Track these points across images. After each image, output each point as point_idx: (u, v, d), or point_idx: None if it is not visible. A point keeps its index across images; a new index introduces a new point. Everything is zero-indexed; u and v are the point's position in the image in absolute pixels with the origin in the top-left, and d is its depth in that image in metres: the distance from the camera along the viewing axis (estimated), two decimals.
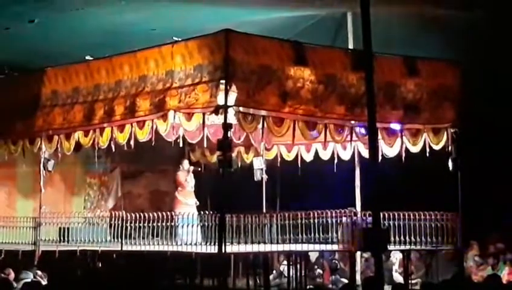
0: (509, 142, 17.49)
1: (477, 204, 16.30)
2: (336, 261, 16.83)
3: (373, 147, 12.14)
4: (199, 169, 18.07)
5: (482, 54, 16.56)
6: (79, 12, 16.12)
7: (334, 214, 15.65)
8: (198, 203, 17.61)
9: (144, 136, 15.05)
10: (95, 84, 15.91)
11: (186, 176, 17.63)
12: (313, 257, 17.30)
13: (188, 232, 15.18)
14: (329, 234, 15.64)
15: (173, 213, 15.87)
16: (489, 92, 16.75)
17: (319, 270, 17.31)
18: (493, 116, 17.24)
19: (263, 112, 14.37)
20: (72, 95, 16.29)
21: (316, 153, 17.39)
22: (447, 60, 16.27)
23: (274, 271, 17.09)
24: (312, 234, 15.64)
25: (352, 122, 15.26)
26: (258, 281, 16.08)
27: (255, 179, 17.76)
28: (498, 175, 17.62)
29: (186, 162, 17.95)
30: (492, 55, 16.59)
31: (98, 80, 15.87)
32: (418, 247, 15.96)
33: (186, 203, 17.27)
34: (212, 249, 14.10)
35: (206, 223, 14.72)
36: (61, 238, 16.77)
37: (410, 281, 15.86)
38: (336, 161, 16.92)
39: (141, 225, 15.60)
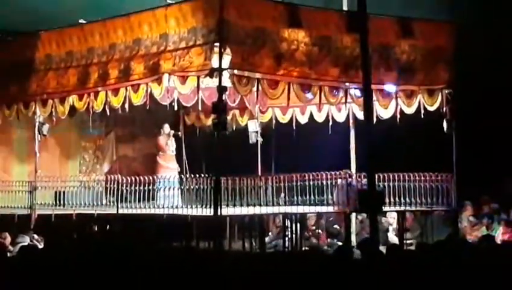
0: (505, 103, 17.52)
1: (472, 165, 16.35)
2: (338, 227, 16.86)
3: (368, 108, 12.23)
4: (179, 133, 18.13)
5: (480, 14, 16.52)
6: None
7: (329, 176, 15.76)
8: (179, 168, 17.77)
9: (138, 99, 15.09)
10: (89, 47, 15.93)
11: (166, 140, 17.80)
12: (312, 218, 17.36)
13: (169, 196, 15.30)
14: (325, 196, 15.77)
15: (155, 177, 15.99)
16: (487, 52, 16.72)
17: (319, 231, 17.37)
18: (490, 77, 17.24)
19: (258, 75, 14.42)
20: (66, 59, 16.32)
21: (311, 115, 17.43)
22: (442, 20, 16.26)
23: (270, 233, 17.18)
24: (307, 196, 15.76)
25: (347, 84, 15.31)
26: (254, 244, 16.15)
27: (250, 141, 17.84)
28: (493, 136, 17.66)
29: (166, 126, 18.05)
30: (490, 16, 16.54)
31: (91, 43, 15.89)
32: (413, 208, 16.07)
33: (168, 167, 17.43)
34: (208, 211, 14.23)
35: (202, 186, 14.83)
36: (57, 202, 16.88)
37: (405, 242, 15.96)
38: (330, 123, 16.97)
39: (137, 188, 15.71)
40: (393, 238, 16.46)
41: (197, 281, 7.02)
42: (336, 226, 16.95)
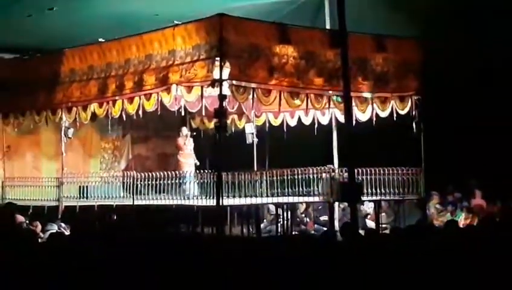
0: (466, 106, 17.54)
1: (437, 160, 16.36)
2: (326, 218, 16.76)
3: (348, 112, 12.23)
4: (194, 134, 17.99)
5: (444, 30, 16.51)
6: (91, 1, 16.09)
7: (315, 171, 15.78)
8: (198, 163, 17.58)
9: (150, 106, 15.07)
10: (107, 62, 15.90)
11: (184, 140, 17.58)
12: (302, 208, 17.36)
13: (190, 187, 15.29)
14: (311, 188, 15.79)
15: (178, 172, 15.94)
16: (450, 63, 16.71)
17: (306, 219, 17.38)
18: (453, 84, 17.25)
19: (253, 84, 14.42)
20: (88, 72, 16.29)
21: (299, 119, 17.41)
22: (411, 37, 16.29)
23: (264, 220, 17.16)
24: (297, 188, 15.76)
25: (330, 92, 15.30)
26: (251, 229, 16.16)
27: (247, 142, 17.82)
28: (456, 135, 17.69)
29: (184, 129, 17.89)
30: (452, 32, 16.54)
31: (109, 59, 15.87)
32: (388, 197, 16.10)
33: (187, 163, 17.28)
34: (211, 202, 14.23)
35: (206, 180, 14.82)
36: (81, 195, 16.85)
37: (380, 227, 15.98)
38: (316, 125, 16.96)
39: (149, 182, 15.70)
40: (370, 223, 16.47)
41: (201, 263, 7.02)
42: (323, 217, 16.90)
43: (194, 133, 18.02)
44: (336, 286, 6.31)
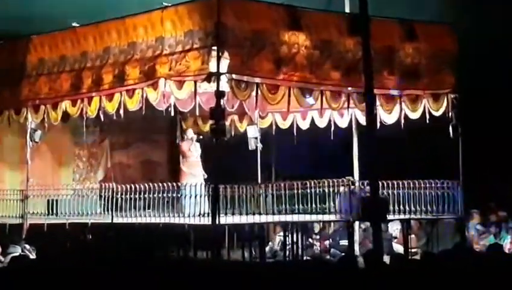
0: (510, 107, 17.54)
1: (479, 172, 16.36)
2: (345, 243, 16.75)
3: (370, 114, 12.25)
4: (201, 137, 17.64)
5: (481, 17, 16.53)
6: None
7: (331, 184, 15.75)
8: (205, 175, 17.16)
9: (133, 105, 15.08)
10: (82, 51, 15.94)
11: (189, 145, 17.39)
12: (316, 228, 17.36)
13: (194, 204, 15.17)
14: (327, 204, 15.77)
15: (172, 184, 15.86)
16: (492, 57, 16.73)
17: (316, 242, 17.35)
18: (496, 81, 17.25)
19: (257, 79, 14.42)
20: (59, 63, 16.31)
21: (312, 120, 17.41)
22: (446, 23, 16.28)
23: (270, 242, 17.18)
24: (309, 204, 15.75)
25: (349, 88, 15.29)
26: (254, 253, 16.15)
27: (250, 148, 17.81)
28: (501, 141, 17.68)
29: (190, 131, 17.77)
30: (494, 22, 16.55)
31: (85, 47, 15.90)
32: (418, 216, 16.08)
33: (191, 174, 17.04)
34: (206, 220, 14.23)
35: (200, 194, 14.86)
36: (50, 211, 16.89)
37: (410, 251, 15.95)
38: (332, 128, 16.96)
39: (132, 196, 15.70)
40: (397, 247, 16.44)
41: None
42: (342, 240, 16.85)
43: (201, 137, 17.59)
44: None
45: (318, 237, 17.40)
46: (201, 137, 17.59)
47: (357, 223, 16.39)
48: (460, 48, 15.95)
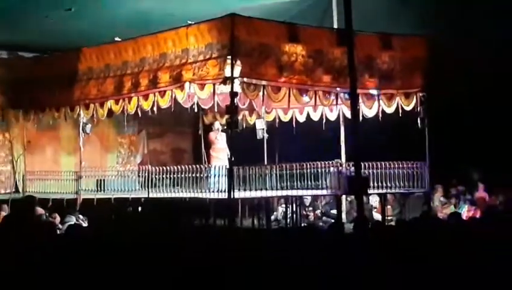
0: (470, 102, 17.48)
1: (442, 154, 16.31)
2: (334, 212, 16.67)
3: (354, 109, 12.20)
4: (225, 127, 17.51)
5: (451, 29, 16.41)
6: (107, 1, 16.10)
7: (323, 165, 15.76)
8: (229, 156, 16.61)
9: (165, 103, 15.06)
10: (123, 61, 15.90)
11: (216, 135, 17.20)
12: (309, 200, 17.34)
13: (218, 182, 15.10)
14: (320, 181, 15.76)
15: (201, 166, 15.80)
16: (455, 60, 16.63)
17: (317, 212, 17.36)
18: (457, 81, 17.16)
19: (263, 82, 14.39)
20: (104, 70, 16.28)
21: (308, 115, 17.39)
22: (417, 35, 16.20)
23: (274, 212, 17.16)
24: (305, 182, 15.75)
25: (338, 89, 15.26)
26: (261, 221, 16.15)
27: (258, 137, 17.78)
28: (460, 130, 17.63)
29: (217, 123, 17.51)
30: (459, 30, 16.43)
31: (125, 57, 15.87)
32: (393, 191, 16.08)
33: (218, 158, 16.85)
34: (223, 195, 14.24)
35: (219, 174, 14.87)
36: (98, 188, 16.89)
37: (386, 218, 15.96)
38: (324, 121, 16.95)
39: (164, 176, 15.72)
40: (376, 216, 16.43)
41: (212, 254, 7.02)
42: (332, 210, 16.86)
43: (225, 127, 17.42)
44: (341, 276, 6.30)
45: (311, 208, 17.39)
46: (225, 127, 17.48)
47: (344, 196, 16.40)
48: (432, 54, 15.92)
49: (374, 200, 16.83)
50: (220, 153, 17.00)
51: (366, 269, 6.44)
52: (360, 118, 13.92)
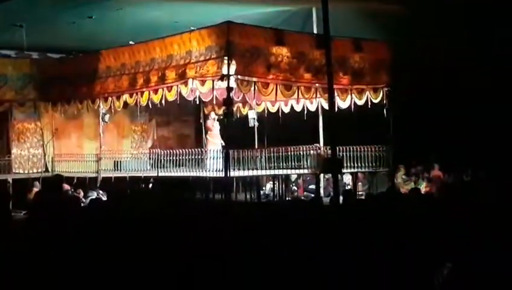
0: (428, 95, 17.52)
1: (404, 139, 16.37)
2: (313, 187, 16.70)
3: (331, 101, 12.23)
4: (221, 117, 17.08)
5: (410, 35, 16.42)
6: (122, 11, 16.04)
7: (304, 148, 15.78)
8: (223, 143, 16.50)
9: (171, 96, 15.04)
10: (136, 61, 15.86)
11: (212, 123, 17.11)
12: (293, 178, 17.37)
13: (214, 163, 15.14)
14: (302, 162, 15.79)
15: (199, 149, 15.79)
16: (415, 60, 16.66)
17: (294, 188, 17.41)
18: (417, 77, 17.18)
19: (254, 79, 14.37)
20: (120, 69, 16.25)
21: (292, 106, 17.38)
22: (382, 40, 16.27)
23: (263, 188, 17.19)
24: (290, 162, 15.77)
25: (317, 84, 15.27)
26: (253, 195, 16.18)
27: (250, 125, 17.78)
28: (419, 119, 17.68)
29: (213, 113, 17.47)
30: (417, 35, 16.44)
31: (138, 58, 15.83)
32: (363, 170, 16.13)
33: (213, 142, 16.74)
34: (221, 174, 14.26)
35: (217, 156, 14.87)
36: (116, 168, 16.88)
37: (358, 193, 15.99)
38: (305, 111, 16.96)
39: (171, 158, 15.72)
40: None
41: (212, 223, 7.04)
42: (312, 186, 16.91)
43: (221, 117, 16.94)
44: (322, 241, 6.33)
45: (294, 184, 17.43)
46: (221, 117, 17.52)
47: (322, 175, 16.44)
48: (394, 56, 15.96)
49: (347, 178, 16.87)
50: (215, 138, 16.99)
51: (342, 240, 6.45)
52: (336, 109, 13.94)
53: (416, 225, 6.69)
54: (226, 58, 13.68)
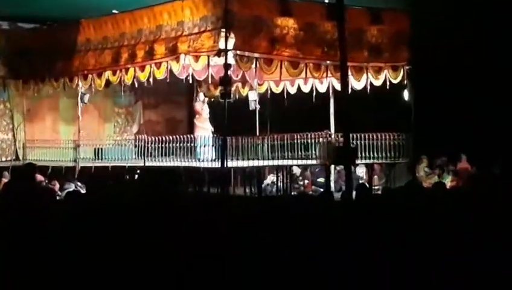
0: (454, 76, 17.44)
1: (427, 126, 16.31)
2: (322, 180, 16.70)
3: (344, 81, 12.18)
4: (212, 100, 17.45)
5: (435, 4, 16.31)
6: None
7: (313, 136, 15.75)
8: (213, 129, 16.86)
9: (160, 74, 15.03)
10: (121, 33, 15.84)
11: (202, 106, 17.14)
12: (299, 170, 17.35)
13: (205, 151, 15.18)
14: (310, 152, 15.77)
15: (190, 136, 15.82)
16: (440, 35, 16.55)
17: (305, 181, 17.38)
18: (442, 55, 17.09)
19: (256, 54, 14.36)
20: (102, 42, 16.23)
21: (299, 87, 17.34)
22: (403, 10, 16.16)
23: (265, 181, 17.18)
24: (295, 152, 15.75)
25: (328, 62, 15.21)
26: (253, 190, 16.17)
27: (250, 108, 17.72)
28: (444, 103, 17.60)
29: (201, 95, 17.55)
30: (442, 6, 16.33)
31: (123, 29, 15.81)
32: (380, 161, 16.10)
33: (202, 127, 16.80)
34: (216, 164, 14.24)
35: (213, 144, 14.86)
36: (96, 156, 16.89)
37: (373, 188, 15.98)
38: (314, 93, 16.91)
39: (159, 145, 15.71)
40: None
41: (206, 221, 7.01)
42: (321, 179, 16.88)
43: (212, 100, 17.27)
44: (331, 241, 6.31)
45: (301, 178, 17.41)
46: (212, 100, 17.50)
47: (332, 166, 16.41)
48: (416, 30, 15.88)
49: (362, 171, 16.84)
50: (205, 123, 16.98)
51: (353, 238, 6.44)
52: (349, 90, 13.89)
53: (441, 226, 6.66)
54: (223, 30, 13.63)
